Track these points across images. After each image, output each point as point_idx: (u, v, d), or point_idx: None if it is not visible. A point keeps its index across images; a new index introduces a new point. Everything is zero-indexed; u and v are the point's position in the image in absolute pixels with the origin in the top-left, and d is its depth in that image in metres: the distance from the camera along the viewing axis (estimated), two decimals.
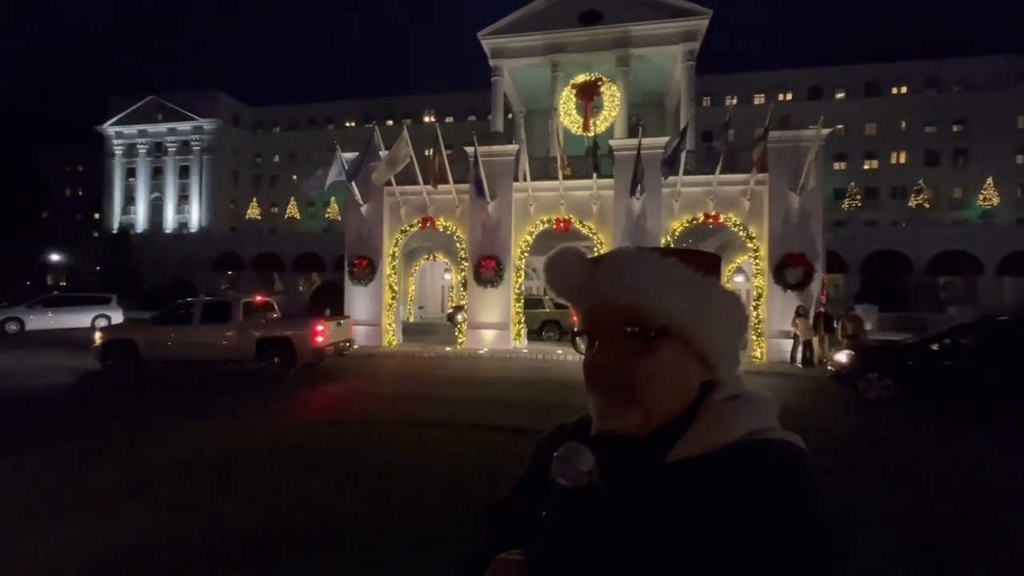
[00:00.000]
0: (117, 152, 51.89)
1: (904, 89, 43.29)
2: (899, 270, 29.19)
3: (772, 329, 13.32)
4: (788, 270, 13.13)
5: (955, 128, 41.98)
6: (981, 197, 39.74)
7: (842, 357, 9.18)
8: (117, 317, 20.28)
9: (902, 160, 43.06)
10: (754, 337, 13.66)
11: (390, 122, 46.38)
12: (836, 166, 42.28)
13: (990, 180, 39.64)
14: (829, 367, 9.76)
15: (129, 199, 51.78)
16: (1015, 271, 29.20)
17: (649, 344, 0.68)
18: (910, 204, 41.00)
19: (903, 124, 42.74)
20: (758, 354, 13.44)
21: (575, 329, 0.77)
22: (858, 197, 41.76)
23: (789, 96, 43.72)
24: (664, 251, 0.73)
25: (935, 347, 8.41)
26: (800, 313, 12.18)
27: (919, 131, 42.49)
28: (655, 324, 0.68)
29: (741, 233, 13.84)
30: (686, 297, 0.69)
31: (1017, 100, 40.67)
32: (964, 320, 9.73)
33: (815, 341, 12.38)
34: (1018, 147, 41.04)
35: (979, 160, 40.99)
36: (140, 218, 50.78)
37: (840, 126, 38.84)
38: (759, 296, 13.53)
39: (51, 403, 8.11)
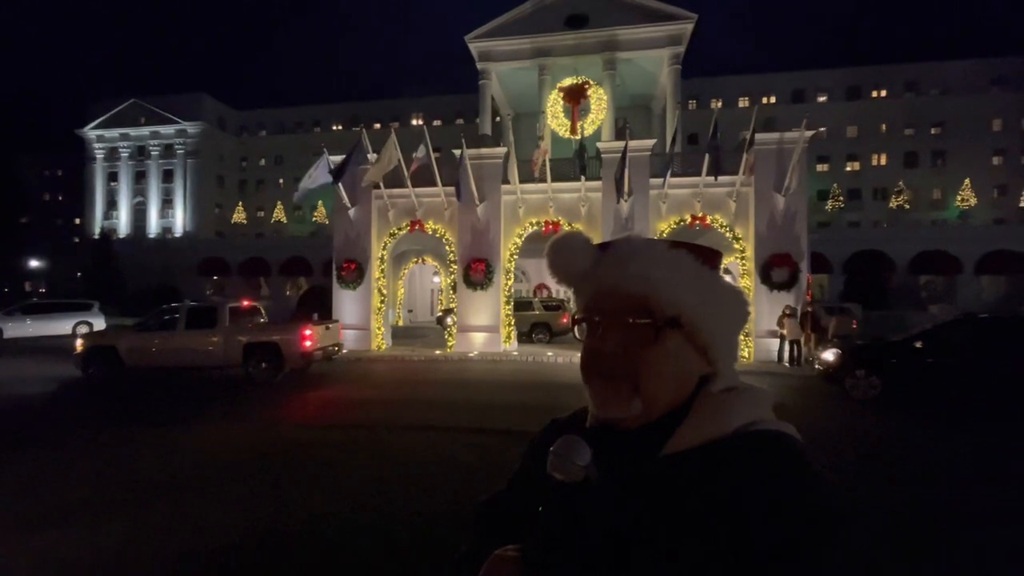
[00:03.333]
0: (98, 156, 50.99)
1: (883, 93, 44.22)
2: (881, 270, 29.74)
3: (759, 329, 13.48)
4: (774, 270, 13.31)
5: (933, 131, 42.97)
6: (959, 198, 40.70)
7: (829, 356, 9.24)
8: (99, 324, 19.86)
9: (883, 162, 43.95)
10: (742, 337, 13.79)
11: (377, 125, 46.17)
12: (819, 168, 43.02)
13: (967, 181, 40.62)
14: (817, 365, 9.86)
15: (111, 204, 50.87)
16: (992, 270, 29.91)
17: (656, 334, 0.67)
18: (891, 205, 41.85)
19: (883, 127, 43.65)
20: (746, 354, 13.58)
21: (575, 316, 0.75)
22: (841, 198, 42.52)
23: (772, 99, 44.40)
24: (671, 242, 0.72)
25: (919, 344, 8.54)
26: (788, 313, 12.33)
27: (899, 134, 43.42)
28: (664, 314, 0.67)
29: (728, 234, 13.99)
30: (695, 289, 0.68)
31: (992, 104, 41.79)
32: (947, 318, 9.89)
33: (802, 340, 12.55)
34: (994, 149, 42.13)
35: (956, 162, 41.99)
36: (122, 223, 49.91)
37: (823, 129, 39.56)
38: (748, 303, 13.68)
39: (31, 412, 7.92)
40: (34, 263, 40.81)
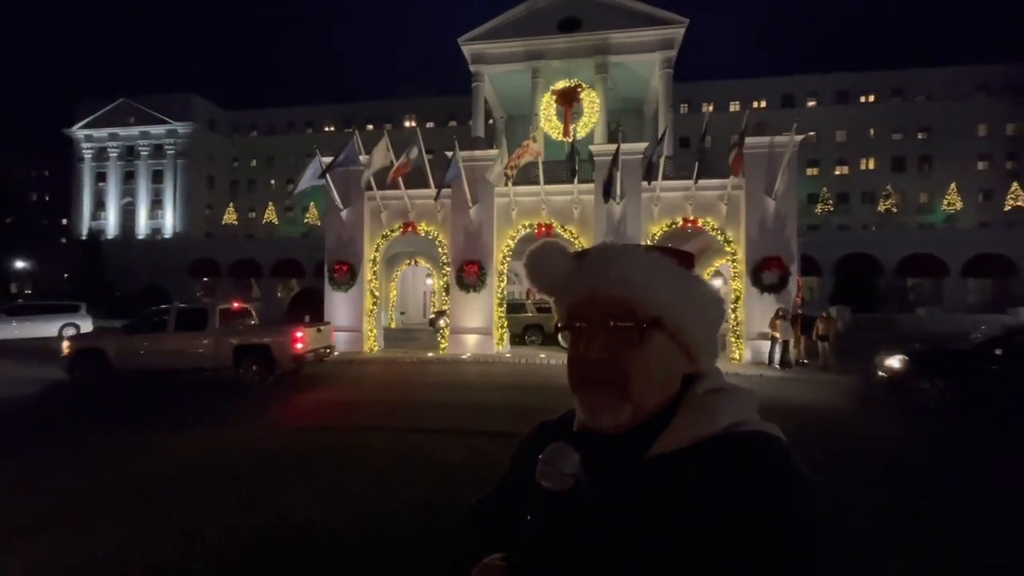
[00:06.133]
0: (86, 156, 50.38)
1: (871, 98, 44.85)
2: (870, 272, 30.09)
3: (751, 331, 13.56)
4: (765, 273, 13.41)
5: (920, 136, 43.64)
6: (945, 202, 41.32)
7: (895, 362, 8.49)
8: (86, 326, 19.58)
9: (871, 166, 44.54)
10: (733, 339, 13.89)
11: (370, 127, 46.05)
12: (809, 172, 43.48)
13: (953, 186, 41.26)
14: (880, 372, 9.04)
15: (99, 204, 50.28)
16: (978, 273, 30.37)
17: (640, 336, 0.68)
18: (879, 209, 42.39)
19: (871, 132, 44.26)
20: (737, 356, 13.66)
21: (558, 325, 0.76)
22: (830, 202, 43.00)
23: (763, 103, 44.86)
24: (647, 247, 0.74)
25: (999, 352, 7.73)
26: (780, 315, 12.44)
27: (887, 138, 44.04)
28: (646, 315, 0.68)
29: (719, 237, 14.09)
30: (674, 289, 0.70)
31: (977, 109, 42.52)
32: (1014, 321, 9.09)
33: (791, 342, 12.66)
34: (979, 154, 42.84)
35: (943, 166, 42.65)
36: (111, 224, 49.32)
37: (812, 133, 40.00)
38: (737, 299, 13.78)
39: (16, 415, 7.80)
40: (20, 264, 40.15)
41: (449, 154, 14.38)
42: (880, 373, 8.95)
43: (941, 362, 8.28)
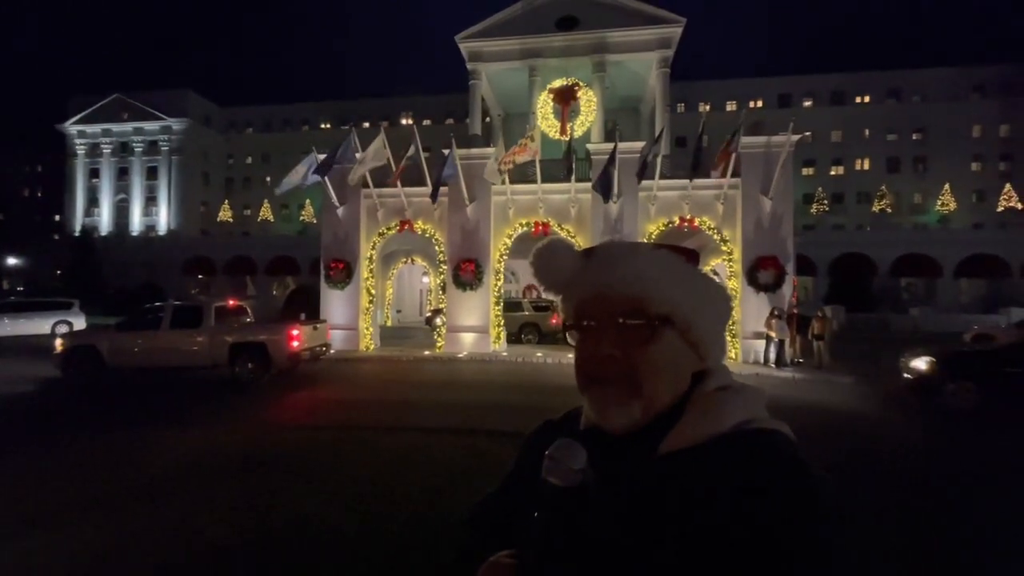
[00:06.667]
0: (80, 152, 49.93)
1: (867, 99, 45.02)
2: (864, 272, 30.25)
3: (746, 331, 13.59)
4: (760, 272, 13.45)
5: (915, 136, 43.87)
6: (939, 202, 41.56)
7: (921, 364, 8.30)
8: (79, 323, 19.46)
9: (866, 166, 44.74)
10: (729, 338, 13.92)
11: (367, 124, 45.88)
12: (804, 172, 43.64)
13: (947, 186, 41.50)
14: (905, 375, 8.84)
15: (92, 201, 49.86)
16: (971, 273, 30.59)
17: (651, 334, 0.67)
18: (874, 209, 42.61)
19: (867, 132, 44.45)
20: (732, 355, 13.70)
21: (566, 323, 0.75)
22: (826, 202, 43.19)
23: (759, 103, 44.95)
24: (653, 244, 0.75)
25: None
26: (775, 315, 12.48)
27: (882, 139, 44.26)
28: (657, 313, 0.68)
29: (715, 236, 14.12)
30: (683, 286, 0.70)
31: (972, 111, 42.78)
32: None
33: (787, 342, 12.72)
34: (973, 155, 43.11)
35: (937, 167, 42.89)
36: (104, 220, 48.93)
37: (808, 133, 40.13)
38: (732, 298, 13.78)
39: (8, 414, 7.73)
40: (12, 261, 39.82)
41: (446, 152, 14.35)
42: (905, 375, 8.77)
43: (969, 364, 8.15)
